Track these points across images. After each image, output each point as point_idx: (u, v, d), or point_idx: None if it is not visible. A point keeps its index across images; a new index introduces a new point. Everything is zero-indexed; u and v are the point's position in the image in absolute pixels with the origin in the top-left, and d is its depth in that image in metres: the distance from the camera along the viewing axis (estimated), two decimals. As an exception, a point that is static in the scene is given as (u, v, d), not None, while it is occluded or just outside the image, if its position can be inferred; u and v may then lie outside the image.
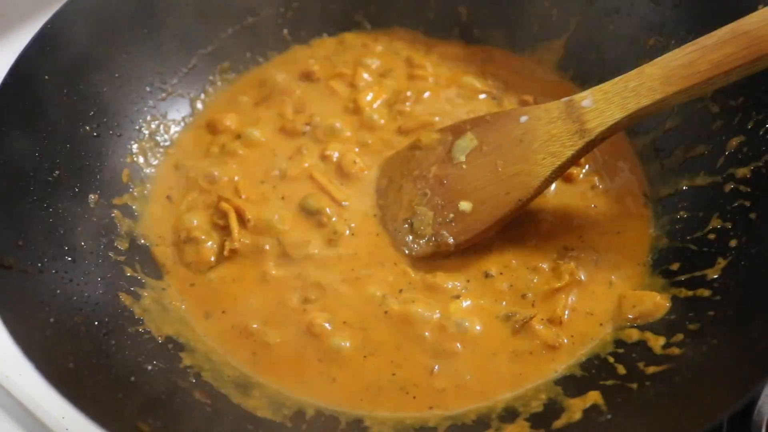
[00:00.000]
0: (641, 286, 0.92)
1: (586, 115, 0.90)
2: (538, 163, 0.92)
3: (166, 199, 1.04)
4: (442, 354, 0.88)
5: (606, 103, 0.89)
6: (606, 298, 0.92)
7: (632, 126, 0.97)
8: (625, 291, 0.91)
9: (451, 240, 0.94)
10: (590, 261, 0.95)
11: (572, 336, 0.89)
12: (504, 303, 0.92)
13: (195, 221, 1.00)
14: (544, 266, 0.94)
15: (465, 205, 0.95)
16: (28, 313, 0.77)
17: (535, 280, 0.93)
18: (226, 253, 0.96)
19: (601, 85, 0.91)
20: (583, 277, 0.93)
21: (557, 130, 0.92)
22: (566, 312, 0.91)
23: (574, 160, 0.92)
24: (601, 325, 0.90)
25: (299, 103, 1.11)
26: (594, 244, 0.97)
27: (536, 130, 0.94)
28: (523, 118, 0.96)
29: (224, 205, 0.99)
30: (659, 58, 0.87)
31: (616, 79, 0.90)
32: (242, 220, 0.98)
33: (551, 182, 0.94)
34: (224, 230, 0.98)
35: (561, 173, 0.93)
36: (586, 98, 0.91)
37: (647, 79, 0.87)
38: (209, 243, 0.97)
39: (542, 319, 0.90)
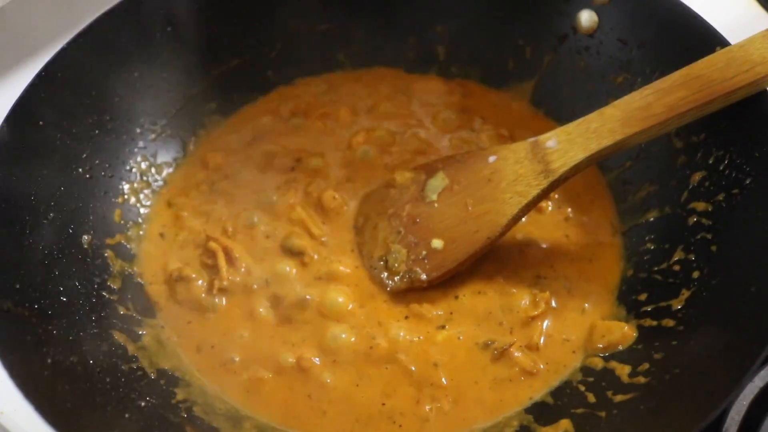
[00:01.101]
0: (611, 315, 0.97)
1: (550, 156, 0.95)
2: (506, 202, 0.97)
3: (158, 238, 1.07)
4: (428, 385, 0.92)
5: (569, 143, 0.94)
6: (579, 326, 0.96)
7: (600, 161, 1.02)
8: (596, 320, 0.96)
9: (423, 276, 0.99)
10: (563, 289, 0.99)
11: (547, 363, 0.94)
12: (484, 331, 0.96)
13: (186, 260, 1.04)
14: (520, 294, 0.99)
15: (437, 243, 0.99)
16: (27, 356, 0.81)
17: (511, 308, 0.98)
18: (215, 291, 1.00)
19: (565, 126, 0.96)
20: (556, 305, 0.98)
21: (523, 170, 0.97)
22: (542, 338, 0.95)
23: (539, 199, 0.96)
24: (573, 352, 0.94)
25: (287, 142, 1.15)
26: (567, 273, 1.01)
27: (504, 170, 0.99)
28: (492, 158, 1.00)
29: (212, 245, 1.03)
30: (619, 101, 0.92)
31: (579, 120, 0.95)
32: (230, 259, 1.02)
33: (518, 220, 0.98)
34: (213, 269, 1.02)
35: (528, 211, 0.98)
36: (551, 139, 0.96)
37: (608, 120, 0.92)
38: (200, 282, 1.01)
39: (520, 346, 0.94)
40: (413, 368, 0.92)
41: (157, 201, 1.11)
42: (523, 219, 1.03)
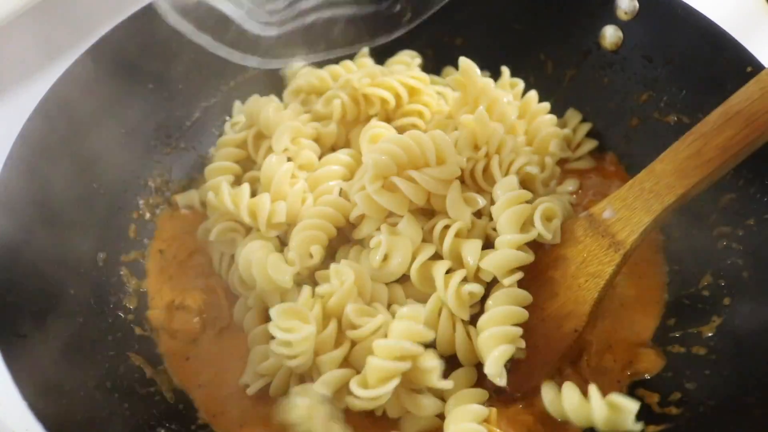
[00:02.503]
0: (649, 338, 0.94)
1: (613, 227, 0.89)
2: (582, 288, 0.89)
3: (165, 257, 1.04)
4: None
5: (629, 210, 0.88)
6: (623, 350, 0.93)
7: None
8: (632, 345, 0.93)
9: (515, 393, 0.90)
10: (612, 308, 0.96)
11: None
12: None
13: (189, 290, 1.00)
14: None
15: (518, 353, 0.89)
16: (45, 385, 0.79)
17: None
18: (216, 330, 0.97)
19: (615, 193, 0.91)
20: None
21: (589, 249, 0.90)
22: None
23: (616, 275, 0.89)
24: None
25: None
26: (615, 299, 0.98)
27: (567, 254, 0.92)
28: (548, 245, 0.93)
29: (211, 283, 1.01)
30: (664, 154, 0.87)
31: (629, 183, 0.90)
32: (231, 297, 0.99)
33: (600, 302, 0.90)
34: (214, 307, 0.99)
35: (607, 291, 0.90)
36: (606, 209, 0.90)
37: (661, 176, 0.87)
38: (197, 317, 0.98)
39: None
40: None
41: (170, 217, 1.09)
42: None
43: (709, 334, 0.88)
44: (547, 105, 1.09)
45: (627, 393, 0.89)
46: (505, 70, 1.12)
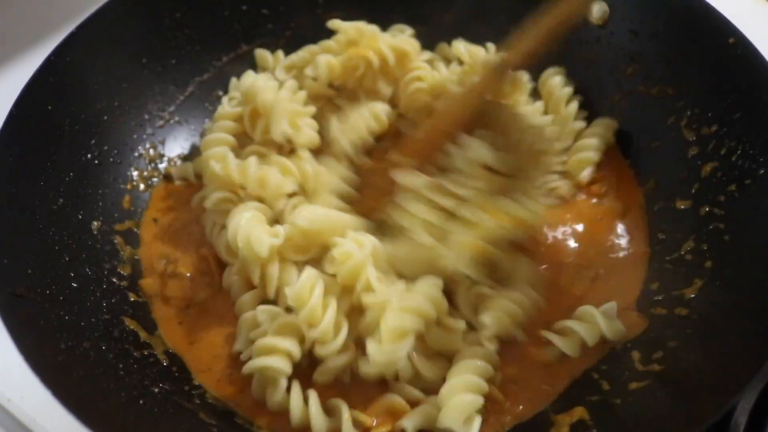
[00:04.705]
0: (634, 301, 0.96)
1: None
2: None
3: (159, 227, 1.06)
4: None
5: None
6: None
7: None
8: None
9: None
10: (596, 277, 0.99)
11: None
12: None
13: (181, 258, 1.02)
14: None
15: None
16: (41, 341, 0.80)
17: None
18: (208, 295, 0.99)
19: None
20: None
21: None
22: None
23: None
24: None
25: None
26: (598, 260, 1.00)
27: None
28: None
29: (203, 252, 1.02)
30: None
31: None
32: (222, 264, 1.00)
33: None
34: (206, 274, 1.00)
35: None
36: None
37: None
38: (191, 282, 0.99)
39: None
40: None
41: (158, 187, 1.10)
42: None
43: (692, 296, 0.89)
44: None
45: (610, 352, 0.91)
46: (491, 47, 1.14)
